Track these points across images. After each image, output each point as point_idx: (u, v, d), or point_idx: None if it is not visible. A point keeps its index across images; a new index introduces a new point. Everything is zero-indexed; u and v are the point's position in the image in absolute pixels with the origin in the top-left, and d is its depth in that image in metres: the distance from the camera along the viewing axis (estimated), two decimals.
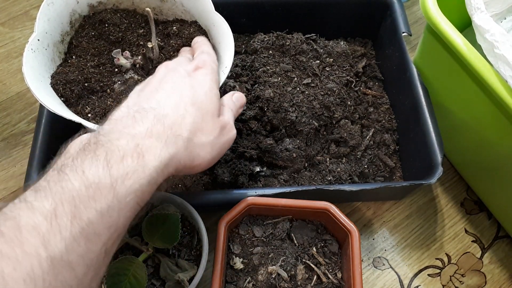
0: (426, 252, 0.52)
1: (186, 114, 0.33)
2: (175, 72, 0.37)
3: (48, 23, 0.44)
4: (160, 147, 0.30)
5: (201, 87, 0.36)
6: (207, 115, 0.34)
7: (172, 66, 0.38)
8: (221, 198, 0.45)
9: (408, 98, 0.53)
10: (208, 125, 0.34)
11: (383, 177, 0.54)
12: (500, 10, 0.48)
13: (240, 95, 0.42)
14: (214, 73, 0.39)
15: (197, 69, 0.38)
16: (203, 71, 0.38)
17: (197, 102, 0.34)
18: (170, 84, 0.35)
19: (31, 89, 0.39)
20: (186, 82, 0.36)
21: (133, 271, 0.39)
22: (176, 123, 0.32)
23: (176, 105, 0.33)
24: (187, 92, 0.35)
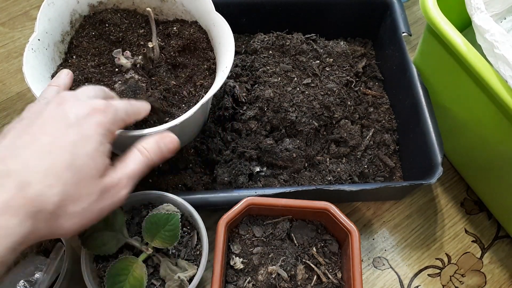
0: (426, 252, 0.52)
1: (57, 182, 0.28)
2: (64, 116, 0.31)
3: (49, 23, 0.44)
4: (15, 225, 0.26)
5: (85, 145, 0.30)
6: (85, 179, 0.30)
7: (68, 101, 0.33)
8: (221, 198, 0.45)
9: (408, 98, 0.53)
10: (83, 191, 0.30)
11: (383, 177, 0.54)
12: (500, 10, 0.48)
13: (170, 140, 0.36)
14: (115, 122, 0.33)
15: (92, 114, 0.32)
16: (97, 119, 0.32)
17: (75, 166, 0.29)
18: (49, 137, 0.30)
19: (31, 89, 0.39)
20: (69, 137, 0.30)
21: (133, 271, 0.39)
22: (42, 194, 0.27)
23: (46, 171, 0.28)
24: (65, 153, 0.29)
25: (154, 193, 0.44)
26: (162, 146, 0.36)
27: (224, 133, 0.53)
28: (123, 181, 0.33)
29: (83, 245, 0.40)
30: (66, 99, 0.33)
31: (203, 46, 0.49)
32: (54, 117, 0.31)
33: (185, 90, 0.46)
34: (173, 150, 0.37)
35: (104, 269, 0.41)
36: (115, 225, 0.40)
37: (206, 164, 0.52)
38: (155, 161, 0.35)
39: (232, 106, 0.54)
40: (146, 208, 0.44)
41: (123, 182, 0.33)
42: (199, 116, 0.49)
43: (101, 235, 0.40)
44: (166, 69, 0.47)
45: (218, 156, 0.52)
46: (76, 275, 0.41)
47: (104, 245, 0.40)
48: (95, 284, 0.40)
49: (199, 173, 0.51)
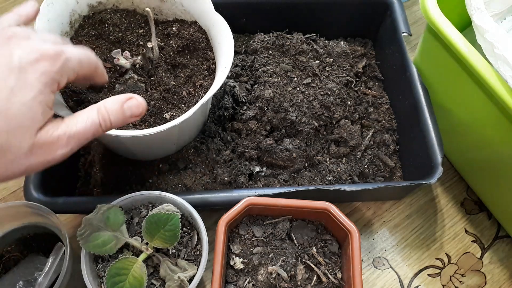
0: (426, 252, 0.52)
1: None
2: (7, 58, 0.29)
3: (48, 23, 0.44)
4: None
5: (24, 94, 0.28)
6: (17, 129, 0.28)
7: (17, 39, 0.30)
8: (221, 198, 0.45)
9: (408, 98, 0.53)
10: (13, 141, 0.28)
11: (383, 177, 0.54)
12: (500, 10, 0.48)
13: (136, 104, 0.33)
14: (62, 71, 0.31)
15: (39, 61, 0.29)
16: (43, 67, 0.29)
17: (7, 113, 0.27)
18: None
19: None
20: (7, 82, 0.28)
21: (133, 271, 0.39)
22: None
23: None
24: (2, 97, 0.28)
25: (154, 193, 0.44)
26: (125, 109, 0.33)
27: (224, 133, 0.53)
28: (62, 140, 0.30)
29: (83, 245, 0.40)
30: (16, 36, 0.30)
31: (202, 46, 0.49)
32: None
33: (185, 90, 0.46)
34: (137, 114, 0.34)
35: (104, 269, 0.41)
36: (115, 225, 0.40)
37: (206, 164, 0.52)
38: (114, 124, 0.33)
39: (232, 106, 0.54)
40: (146, 208, 0.44)
41: (62, 141, 0.30)
42: (199, 117, 0.49)
43: (101, 235, 0.40)
44: (166, 69, 0.47)
45: (218, 156, 0.52)
46: (76, 275, 0.41)
47: (104, 245, 0.40)
48: (95, 284, 0.40)
49: (199, 173, 0.51)
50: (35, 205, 0.41)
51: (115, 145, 0.49)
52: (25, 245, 0.45)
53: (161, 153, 0.50)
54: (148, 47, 0.45)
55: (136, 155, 0.49)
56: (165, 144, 0.47)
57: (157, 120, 0.43)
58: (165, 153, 0.50)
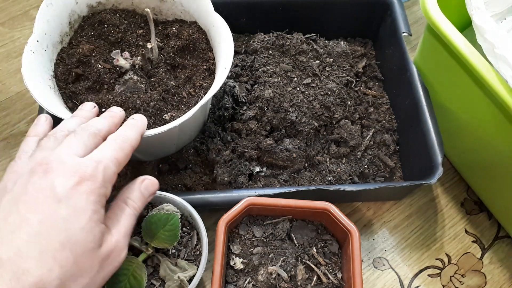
0: (426, 253, 0.52)
1: (54, 264, 0.26)
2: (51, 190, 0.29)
3: (47, 24, 0.44)
4: None
5: (79, 219, 0.28)
6: (83, 255, 0.28)
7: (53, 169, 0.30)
8: (221, 198, 0.45)
9: (408, 98, 0.53)
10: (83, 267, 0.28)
11: (383, 177, 0.54)
12: (500, 10, 0.48)
13: (151, 183, 0.36)
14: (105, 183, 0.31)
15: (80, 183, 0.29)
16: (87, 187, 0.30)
17: (70, 243, 0.28)
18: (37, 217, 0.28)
19: (30, 90, 0.39)
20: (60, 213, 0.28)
21: (132, 271, 0.39)
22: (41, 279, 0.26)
23: (41, 255, 0.26)
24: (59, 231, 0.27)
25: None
26: (144, 192, 0.35)
27: (224, 133, 0.53)
28: (121, 243, 0.32)
29: None
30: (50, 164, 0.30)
31: (202, 46, 0.49)
32: (40, 191, 0.29)
33: (184, 91, 0.46)
34: (153, 192, 0.37)
35: None
36: None
37: (206, 164, 0.52)
38: (141, 208, 0.35)
39: (232, 106, 0.54)
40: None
41: (121, 244, 0.32)
42: (199, 117, 0.49)
43: None
44: (165, 70, 0.47)
45: (218, 156, 0.52)
46: None
47: None
48: None
49: (199, 173, 0.51)
50: None
51: None
52: None
53: (161, 153, 0.50)
54: (148, 48, 0.45)
55: (135, 155, 0.49)
56: (165, 144, 0.47)
57: (157, 121, 0.43)
58: (165, 153, 0.50)
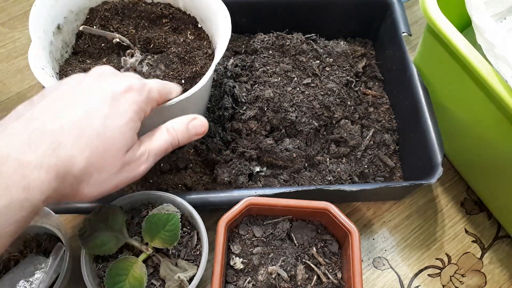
0: (426, 252, 0.52)
1: (85, 148, 0.30)
2: (101, 90, 0.32)
3: (45, 23, 0.44)
4: (47, 182, 0.28)
5: (117, 120, 0.32)
6: (110, 151, 0.31)
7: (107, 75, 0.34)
8: (221, 198, 0.45)
9: (408, 98, 0.53)
10: (106, 162, 0.31)
11: (383, 177, 0.54)
12: (500, 10, 0.48)
13: (200, 124, 0.38)
14: (148, 101, 0.35)
15: (128, 91, 0.33)
16: (132, 97, 0.33)
17: (103, 137, 0.31)
18: (86, 106, 0.31)
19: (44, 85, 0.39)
20: (104, 110, 0.32)
21: (133, 271, 0.39)
22: (72, 156, 0.29)
23: (79, 136, 0.30)
24: (98, 123, 0.31)
25: (154, 193, 0.44)
26: (190, 128, 0.37)
27: (224, 133, 0.53)
28: (144, 156, 0.34)
29: (83, 245, 0.40)
30: (105, 73, 0.34)
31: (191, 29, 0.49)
32: (92, 88, 0.33)
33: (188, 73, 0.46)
34: (201, 133, 0.38)
35: (104, 269, 0.41)
36: (115, 225, 0.40)
37: (206, 164, 0.52)
38: (181, 141, 0.37)
39: (232, 106, 0.54)
40: (146, 208, 0.44)
41: (144, 157, 0.34)
42: (207, 91, 0.49)
43: (101, 235, 0.40)
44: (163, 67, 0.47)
45: (218, 156, 0.52)
46: (76, 275, 0.41)
47: (104, 245, 0.40)
48: (95, 284, 0.40)
49: (199, 173, 0.51)
50: None
51: None
52: (25, 245, 0.45)
53: None
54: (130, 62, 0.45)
55: None
56: None
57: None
58: None
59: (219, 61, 0.57)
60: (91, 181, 0.31)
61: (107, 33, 0.46)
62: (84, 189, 0.31)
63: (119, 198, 0.43)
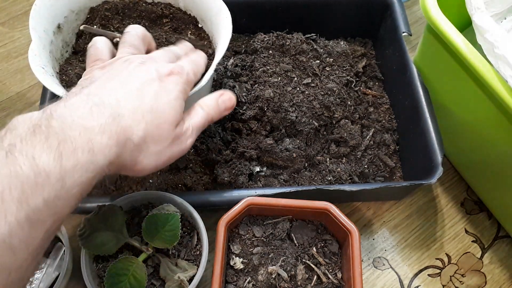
0: (426, 252, 0.52)
1: (142, 120, 0.32)
2: (147, 72, 0.35)
3: (47, 23, 0.44)
4: (110, 146, 0.30)
5: (167, 96, 0.35)
6: (164, 124, 0.34)
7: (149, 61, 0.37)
8: (221, 198, 0.45)
9: (408, 98, 0.53)
10: (161, 134, 0.34)
11: (383, 177, 0.54)
12: (500, 10, 0.48)
13: (228, 98, 0.41)
14: (188, 83, 0.38)
15: (170, 75, 0.36)
16: (175, 79, 0.36)
17: (156, 110, 0.34)
18: (136, 84, 0.34)
19: (50, 90, 0.39)
20: (153, 87, 0.34)
21: (133, 271, 0.39)
22: (130, 126, 0.32)
23: (134, 109, 0.32)
24: (150, 98, 0.34)
25: (154, 193, 0.44)
26: (220, 103, 0.40)
27: (224, 133, 0.53)
28: (189, 131, 0.37)
29: (83, 245, 0.40)
30: (146, 60, 0.37)
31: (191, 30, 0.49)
32: (139, 71, 0.35)
33: None
34: (230, 107, 0.41)
35: (104, 269, 0.41)
36: (115, 225, 0.40)
37: (206, 164, 0.52)
38: (214, 116, 0.39)
39: None
40: (146, 208, 0.44)
41: (189, 132, 0.37)
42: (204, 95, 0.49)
43: (101, 235, 0.40)
44: None
45: (218, 156, 0.52)
46: (76, 275, 0.41)
47: (104, 245, 0.40)
48: (95, 284, 0.40)
49: (199, 173, 0.51)
50: None
51: None
52: None
53: None
54: None
55: None
56: None
57: None
58: None
59: (219, 61, 0.57)
60: (149, 151, 0.33)
61: (107, 32, 0.46)
62: (144, 159, 0.33)
63: (119, 198, 0.43)
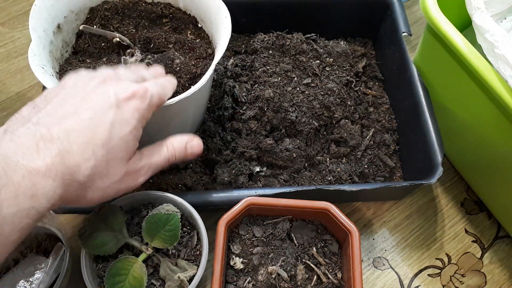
0: (426, 252, 0.52)
1: (91, 156, 0.31)
2: (105, 95, 0.33)
3: (46, 22, 0.44)
4: (54, 189, 0.28)
5: (122, 128, 0.32)
6: (115, 160, 0.32)
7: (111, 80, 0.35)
8: (221, 198, 0.45)
9: (408, 98, 0.53)
10: (110, 170, 0.32)
11: (383, 177, 0.54)
12: (500, 10, 0.48)
13: (197, 144, 0.39)
14: (149, 107, 0.35)
15: (131, 99, 0.33)
16: (135, 104, 0.33)
17: (109, 145, 0.32)
18: (90, 113, 0.31)
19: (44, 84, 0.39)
20: (108, 117, 0.32)
21: (133, 271, 0.39)
22: (78, 165, 0.30)
23: (85, 144, 0.30)
24: (103, 131, 0.31)
25: (154, 193, 0.44)
26: (188, 148, 0.38)
27: (224, 133, 0.53)
28: (143, 170, 0.35)
29: (83, 245, 0.40)
30: (109, 78, 0.35)
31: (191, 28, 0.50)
32: (96, 94, 0.33)
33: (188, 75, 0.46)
34: (196, 154, 0.39)
35: (104, 269, 0.41)
36: (115, 225, 0.40)
37: (206, 164, 0.52)
38: (177, 159, 0.38)
39: (232, 106, 0.54)
40: (146, 208, 0.44)
41: (143, 171, 0.35)
42: (204, 95, 0.49)
43: (101, 235, 0.40)
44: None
45: (218, 156, 0.52)
46: (76, 275, 0.41)
47: (104, 245, 0.40)
48: (95, 284, 0.40)
49: (199, 173, 0.51)
50: None
51: None
52: (25, 245, 0.45)
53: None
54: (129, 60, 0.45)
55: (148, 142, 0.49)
56: (182, 122, 0.47)
57: None
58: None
59: (219, 61, 0.57)
60: (94, 187, 0.32)
61: (107, 32, 0.46)
62: (88, 195, 0.32)
63: (119, 198, 0.43)
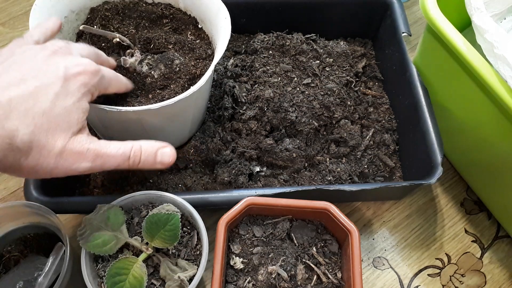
0: (426, 252, 0.52)
1: (31, 124, 0.30)
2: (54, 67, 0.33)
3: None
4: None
5: (66, 99, 0.32)
6: (55, 130, 0.31)
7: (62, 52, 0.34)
8: (221, 198, 0.45)
9: (408, 98, 0.53)
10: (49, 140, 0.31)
11: (383, 177, 0.54)
12: (500, 10, 0.48)
13: (170, 153, 0.37)
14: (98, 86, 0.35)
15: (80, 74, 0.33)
16: (83, 79, 0.33)
17: (50, 114, 0.31)
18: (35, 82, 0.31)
19: None
20: (54, 88, 0.32)
21: (133, 271, 0.39)
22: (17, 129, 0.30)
23: (26, 111, 0.30)
24: (46, 100, 0.31)
25: (154, 193, 0.44)
26: (158, 154, 0.36)
27: (224, 133, 0.53)
28: (90, 154, 0.33)
29: (83, 245, 0.40)
30: (60, 51, 0.34)
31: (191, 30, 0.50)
32: (46, 64, 0.33)
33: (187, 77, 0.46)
34: (167, 164, 0.37)
35: (104, 269, 0.41)
36: (115, 225, 0.40)
37: (206, 164, 0.52)
38: (142, 164, 0.35)
39: (232, 106, 0.54)
40: (146, 208, 0.44)
41: (90, 155, 0.33)
42: (204, 95, 0.49)
43: (101, 235, 0.40)
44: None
45: (218, 156, 0.52)
46: (76, 275, 0.41)
47: (104, 245, 0.40)
48: (95, 284, 0.40)
49: (199, 173, 0.51)
50: (35, 205, 0.41)
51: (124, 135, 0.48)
52: (25, 245, 0.45)
53: (176, 139, 0.50)
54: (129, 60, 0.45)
55: None
56: (181, 124, 0.47)
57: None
58: (180, 139, 0.50)
59: (219, 61, 0.57)
60: (31, 157, 0.31)
61: (107, 32, 0.46)
62: (23, 163, 0.31)
63: (119, 198, 0.43)
